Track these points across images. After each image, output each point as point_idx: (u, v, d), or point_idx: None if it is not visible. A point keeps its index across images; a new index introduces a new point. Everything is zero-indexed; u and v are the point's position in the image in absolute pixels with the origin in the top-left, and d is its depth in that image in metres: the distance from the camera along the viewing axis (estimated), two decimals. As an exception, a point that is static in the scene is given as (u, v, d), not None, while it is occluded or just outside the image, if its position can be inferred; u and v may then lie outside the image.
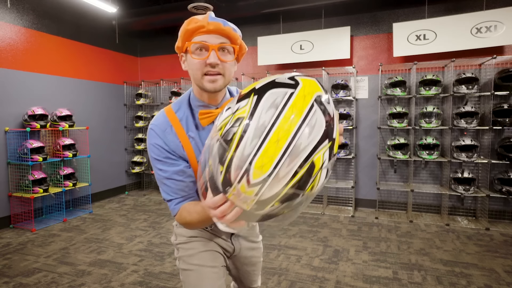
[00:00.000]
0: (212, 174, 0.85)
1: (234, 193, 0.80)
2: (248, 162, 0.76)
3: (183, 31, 1.16)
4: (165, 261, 3.41)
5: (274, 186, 0.76)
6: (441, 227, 4.42)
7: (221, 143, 0.82)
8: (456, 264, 3.27)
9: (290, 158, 0.75)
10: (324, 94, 0.85)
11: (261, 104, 0.80)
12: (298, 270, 3.17)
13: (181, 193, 1.25)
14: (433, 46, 4.68)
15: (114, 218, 4.94)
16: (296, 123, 0.77)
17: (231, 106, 0.88)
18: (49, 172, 4.96)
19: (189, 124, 1.28)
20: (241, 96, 0.88)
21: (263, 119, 0.78)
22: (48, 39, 5.09)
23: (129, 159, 6.68)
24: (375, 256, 3.49)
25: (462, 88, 4.48)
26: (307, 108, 0.79)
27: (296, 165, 0.76)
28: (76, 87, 5.54)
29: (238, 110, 0.83)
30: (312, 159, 0.77)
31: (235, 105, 0.86)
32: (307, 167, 0.77)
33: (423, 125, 4.70)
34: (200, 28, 1.13)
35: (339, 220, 4.77)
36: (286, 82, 0.84)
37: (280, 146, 0.75)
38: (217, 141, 0.83)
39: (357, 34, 5.36)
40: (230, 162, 0.78)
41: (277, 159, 0.75)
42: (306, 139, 0.77)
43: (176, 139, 1.25)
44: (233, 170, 0.77)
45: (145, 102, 6.52)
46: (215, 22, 1.13)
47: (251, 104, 0.82)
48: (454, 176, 4.57)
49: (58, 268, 3.26)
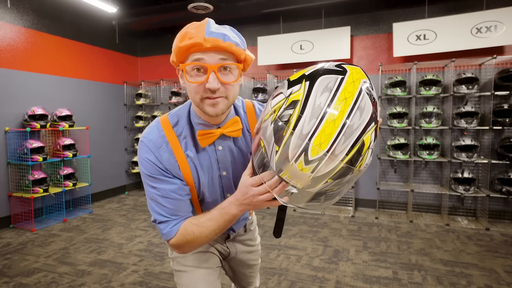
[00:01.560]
0: (264, 155, 0.91)
1: (289, 171, 0.85)
2: (307, 140, 0.81)
3: (176, 49, 1.02)
4: (165, 261, 3.41)
5: (330, 163, 0.82)
6: (441, 227, 4.41)
7: (277, 124, 0.86)
8: (456, 264, 3.27)
9: (345, 137, 0.81)
10: (368, 81, 0.90)
11: (314, 88, 0.86)
12: (298, 270, 3.17)
13: (178, 214, 1.14)
14: (433, 46, 4.68)
15: (114, 218, 4.94)
16: (349, 105, 0.83)
17: (282, 92, 0.93)
18: (49, 172, 4.96)
19: (188, 142, 1.16)
20: (290, 82, 0.93)
21: (318, 101, 0.83)
22: (48, 39, 5.09)
23: (129, 159, 6.68)
24: (375, 256, 3.50)
25: (462, 88, 4.48)
26: (357, 93, 0.85)
27: (350, 143, 0.82)
28: (76, 87, 5.54)
29: (291, 94, 0.88)
30: (362, 139, 0.83)
31: (286, 90, 0.91)
32: (359, 146, 0.83)
33: (423, 125, 4.70)
34: (196, 46, 0.99)
35: (339, 220, 4.77)
36: (335, 69, 0.90)
37: (336, 126, 0.81)
38: (272, 123, 0.88)
39: (357, 34, 5.36)
40: (287, 141, 0.83)
41: (333, 137, 0.81)
42: (358, 120, 0.83)
43: (172, 158, 1.13)
44: (291, 149, 0.82)
45: (145, 102, 6.52)
46: (212, 39, 0.98)
47: (305, 88, 0.87)
48: (454, 176, 4.57)
49: (58, 268, 3.26)
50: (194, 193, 1.21)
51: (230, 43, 1.00)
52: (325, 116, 0.81)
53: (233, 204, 1.06)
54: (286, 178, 0.87)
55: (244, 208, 1.04)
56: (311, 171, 0.83)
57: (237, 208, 1.05)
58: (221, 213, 1.08)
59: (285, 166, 0.85)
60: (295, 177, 0.86)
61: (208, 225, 1.10)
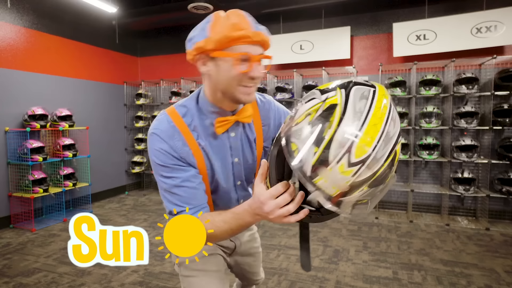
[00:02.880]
0: (292, 159, 0.84)
1: (327, 175, 0.81)
2: (351, 141, 0.78)
3: (223, 37, 1.02)
4: (165, 261, 3.41)
5: (372, 166, 0.80)
6: (441, 227, 4.42)
7: (317, 124, 0.83)
8: (456, 264, 3.27)
9: (384, 143, 0.80)
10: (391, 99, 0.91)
11: (351, 95, 0.84)
12: (298, 270, 3.17)
13: (194, 202, 1.14)
14: (433, 46, 4.68)
15: (114, 218, 4.94)
16: (385, 114, 0.83)
17: (315, 97, 0.90)
18: (49, 172, 4.96)
19: (199, 131, 1.19)
20: (321, 90, 0.91)
21: (358, 106, 0.82)
22: (48, 39, 5.09)
23: (129, 159, 6.68)
24: (375, 256, 3.50)
25: (462, 88, 4.48)
26: (389, 105, 0.85)
27: (388, 150, 0.81)
28: (76, 87, 5.54)
29: (328, 98, 0.86)
30: (395, 149, 0.84)
31: (320, 95, 0.89)
32: (393, 155, 0.83)
33: (423, 125, 4.70)
34: (246, 38, 1.02)
35: (339, 220, 4.76)
36: (365, 82, 0.89)
37: (377, 130, 0.80)
38: (310, 123, 0.84)
39: (357, 34, 5.36)
40: (329, 142, 0.80)
41: (376, 140, 0.79)
42: (393, 128, 0.83)
43: (185, 146, 1.16)
44: (333, 150, 0.79)
45: (145, 102, 6.52)
46: (260, 33, 1.05)
47: (341, 94, 0.85)
48: (454, 176, 4.57)
49: (58, 268, 3.26)
50: (206, 183, 1.23)
51: (269, 38, 1.10)
52: (367, 119, 0.80)
53: (247, 212, 1.03)
54: (321, 184, 0.82)
55: (259, 218, 1.02)
56: (352, 174, 0.79)
57: (252, 218, 1.03)
58: (235, 218, 1.07)
59: (323, 169, 0.80)
60: (332, 182, 0.81)
61: (222, 226, 1.09)
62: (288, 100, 5.46)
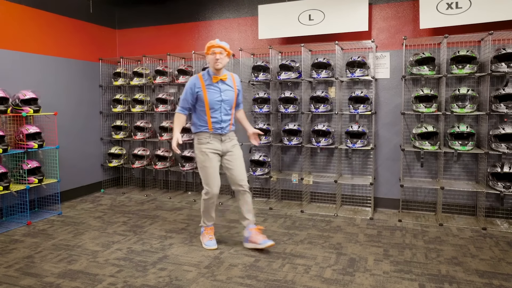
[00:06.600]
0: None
1: None
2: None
3: (207, 48, 3.69)
4: (148, 271, 3.38)
5: None
6: (476, 231, 4.40)
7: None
8: (495, 276, 3.25)
9: None
10: None
11: None
12: (307, 283, 3.14)
13: (183, 106, 3.82)
14: (467, 16, 4.61)
15: (88, 220, 4.93)
16: None
17: None
18: (10, 166, 4.94)
19: (207, 81, 3.75)
20: None
21: None
22: (8, 8, 5.02)
23: (106, 151, 6.67)
24: (398, 266, 3.48)
25: (502, 66, 4.42)
26: None
27: None
28: (42, 65, 5.52)
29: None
30: None
31: None
32: None
33: (455, 110, 4.64)
34: (214, 46, 3.64)
35: (355, 223, 4.77)
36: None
37: None
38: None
39: (377, 2, 5.30)
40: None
41: None
42: None
43: (199, 84, 3.73)
44: None
45: (124, 82, 6.46)
46: (219, 44, 3.64)
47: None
48: (492, 171, 4.54)
49: (20, 280, 3.23)
50: (207, 107, 3.70)
51: (224, 44, 3.70)
52: None
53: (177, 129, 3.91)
54: None
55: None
56: None
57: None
58: (176, 125, 3.86)
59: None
60: None
61: (174, 123, 3.91)
62: (295, 80, 5.39)
